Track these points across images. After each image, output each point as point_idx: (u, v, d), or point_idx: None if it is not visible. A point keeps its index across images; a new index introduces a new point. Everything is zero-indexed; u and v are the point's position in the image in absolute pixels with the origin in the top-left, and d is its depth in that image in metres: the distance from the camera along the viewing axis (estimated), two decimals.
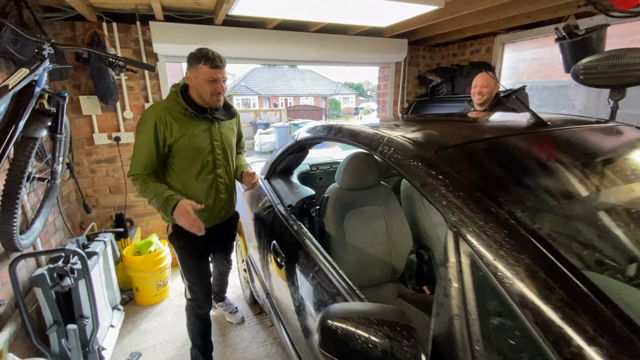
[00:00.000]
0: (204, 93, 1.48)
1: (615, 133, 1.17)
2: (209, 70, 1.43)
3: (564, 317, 0.48)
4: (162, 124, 1.46)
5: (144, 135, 1.45)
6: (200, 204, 1.48)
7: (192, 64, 1.46)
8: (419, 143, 0.87)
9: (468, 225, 0.63)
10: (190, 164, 1.54)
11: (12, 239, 1.47)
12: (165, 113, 1.47)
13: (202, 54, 1.43)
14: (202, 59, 1.42)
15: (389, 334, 0.61)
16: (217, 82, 1.46)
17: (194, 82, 1.47)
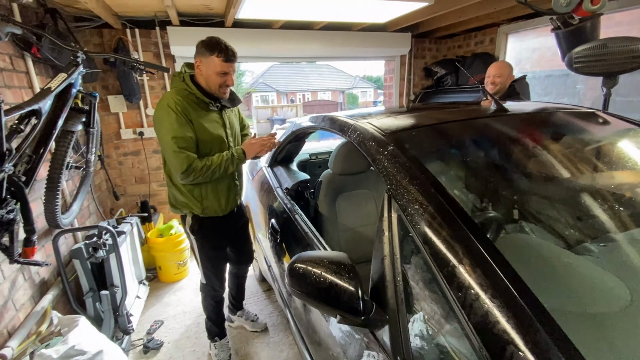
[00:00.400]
0: (213, 84, 1.46)
1: (571, 121, 1.28)
2: (221, 63, 1.41)
3: (447, 247, 0.65)
4: (183, 112, 1.42)
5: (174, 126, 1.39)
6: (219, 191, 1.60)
7: (203, 53, 1.41)
8: (376, 128, 1.04)
9: (397, 189, 0.81)
10: (208, 153, 1.52)
11: (55, 217, 1.76)
12: (186, 103, 1.44)
13: (215, 43, 1.40)
14: (215, 50, 1.39)
15: (335, 270, 0.80)
16: (228, 75, 1.46)
17: (203, 72, 1.45)
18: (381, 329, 0.78)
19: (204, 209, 1.62)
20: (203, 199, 1.61)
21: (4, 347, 1.40)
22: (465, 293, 0.59)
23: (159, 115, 1.44)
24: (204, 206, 1.62)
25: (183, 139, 1.40)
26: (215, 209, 1.65)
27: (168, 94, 1.47)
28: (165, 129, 1.40)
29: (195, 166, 1.43)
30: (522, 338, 0.51)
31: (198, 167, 1.43)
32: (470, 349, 0.58)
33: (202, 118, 1.49)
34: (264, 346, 2.09)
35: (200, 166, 1.43)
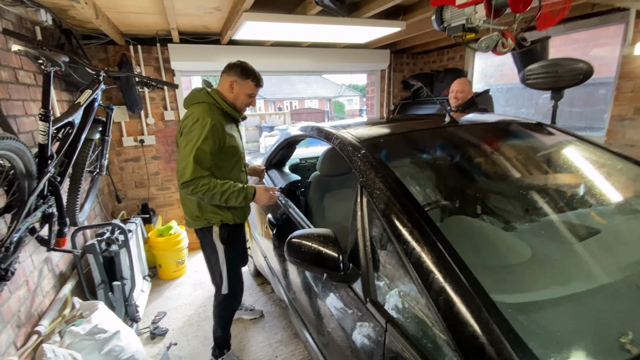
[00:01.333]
0: (240, 103, 1.68)
1: (505, 128, 1.62)
2: (253, 88, 1.68)
3: (397, 218, 0.95)
4: (219, 127, 1.57)
5: (203, 138, 1.50)
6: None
7: (240, 76, 1.64)
8: (353, 136, 1.35)
9: (367, 181, 1.11)
10: (235, 163, 1.71)
11: (74, 216, 1.98)
12: (218, 116, 1.60)
13: (251, 70, 1.66)
14: (251, 76, 1.65)
15: (322, 241, 1.09)
16: (253, 98, 1.72)
17: (236, 91, 1.65)
18: (355, 282, 1.07)
19: (233, 216, 1.74)
20: (231, 207, 1.71)
21: (38, 325, 1.62)
22: (407, 246, 0.89)
23: (193, 125, 1.53)
24: (232, 213, 1.73)
25: (204, 153, 1.51)
26: (240, 215, 1.79)
27: (201, 109, 1.58)
28: (194, 139, 1.50)
29: (200, 181, 1.51)
30: (438, 270, 0.81)
31: (201, 182, 1.51)
32: (412, 284, 0.88)
33: (229, 128, 1.67)
34: (260, 329, 2.34)
35: (204, 183, 1.51)
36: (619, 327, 0.79)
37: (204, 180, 1.52)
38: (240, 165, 1.77)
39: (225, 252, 1.76)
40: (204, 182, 1.52)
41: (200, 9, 2.32)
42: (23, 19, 2.06)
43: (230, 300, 1.89)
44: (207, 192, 1.52)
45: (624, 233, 1.21)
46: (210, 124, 1.52)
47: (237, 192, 1.58)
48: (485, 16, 1.28)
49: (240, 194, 1.59)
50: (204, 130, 1.50)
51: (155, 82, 1.97)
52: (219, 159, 1.62)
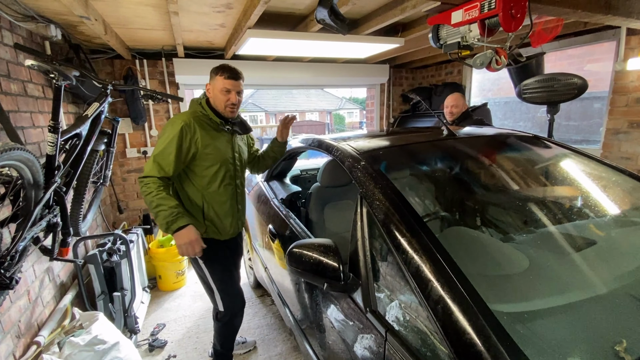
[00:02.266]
0: (219, 103, 1.57)
1: (502, 141, 1.66)
2: (223, 81, 1.53)
3: (396, 228, 0.97)
4: (189, 130, 1.50)
5: (169, 139, 1.46)
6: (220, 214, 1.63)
7: (211, 77, 1.58)
8: (353, 148, 1.39)
9: (366, 191, 1.14)
10: (215, 172, 1.59)
11: (77, 226, 2.00)
12: (193, 121, 1.53)
13: (220, 66, 1.56)
14: (219, 71, 1.54)
15: (323, 251, 1.11)
16: (230, 92, 1.55)
17: (211, 93, 1.58)
18: (356, 292, 1.08)
19: (207, 229, 1.65)
20: (205, 219, 1.64)
21: (38, 335, 1.62)
22: (406, 256, 0.91)
23: (165, 127, 1.55)
24: (206, 225, 1.65)
25: (165, 154, 1.46)
26: (216, 230, 1.68)
27: (182, 113, 1.60)
28: (162, 138, 1.50)
29: (149, 180, 1.45)
30: (436, 279, 0.83)
31: (148, 181, 1.45)
32: (411, 293, 0.90)
33: (211, 135, 1.58)
34: (260, 342, 2.32)
35: (148, 182, 1.45)
36: (614, 335, 0.81)
37: (151, 180, 1.45)
38: (228, 177, 1.65)
39: (207, 268, 1.67)
40: (149, 182, 1.45)
41: (205, 25, 2.40)
42: (33, 33, 2.13)
43: (229, 319, 1.76)
44: (147, 195, 1.44)
45: (619, 244, 1.24)
46: (179, 126, 1.47)
47: (167, 214, 1.41)
48: (479, 35, 1.33)
49: (167, 218, 1.41)
50: (170, 132, 1.48)
51: (160, 95, 2.02)
52: (195, 166, 1.57)
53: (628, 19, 1.67)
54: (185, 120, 1.51)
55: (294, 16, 2.38)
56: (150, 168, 1.47)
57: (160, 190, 1.44)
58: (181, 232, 1.42)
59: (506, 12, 1.20)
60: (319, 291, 1.35)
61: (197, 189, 1.61)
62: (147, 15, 2.08)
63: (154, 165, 1.46)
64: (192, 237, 1.43)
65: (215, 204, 1.64)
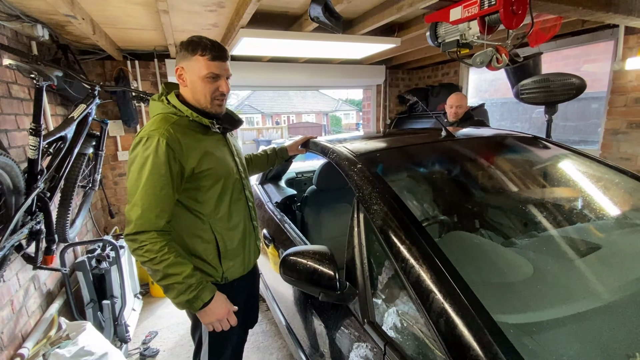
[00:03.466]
0: (202, 94, 1.11)
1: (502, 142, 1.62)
2: (207, 63, 1.07)
3: (394, 234, 0.92)
4: (176, 146, 1.05)
5: (154, 169, 1.00)
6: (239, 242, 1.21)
7: (184, 57, 1.08)
8: (350, 150, 1.33)
9: (363, 195, 1.09)
10: (221, 191, 1.17)
11: (64, 232, 1.93)
12: (174, 131, 1.06)
13: (197, 41, 1.07)
14: (198, 48, 1.06)
15: (318, 259, 1.05)
16: (220, 79, 1.11)
17: (188, 81, 1.11)
18: (353, 301, 1.03)
19: (225, 272, 1.21)
20: (223, 259, 1.19)
21: (22, 347, 1.55)
22: (405, 264, 0.86)
23: (136, 153, 1.04)
24: (225, 269, 1.21)
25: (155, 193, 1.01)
26: (237, 268, 1.26)
27: (149, 124, 1.09)
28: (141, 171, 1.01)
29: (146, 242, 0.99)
30: (438, 289, 0.78)
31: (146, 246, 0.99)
32: (411, 304, 0.84)
33: (200, 144, 1.12)
34: (255, 350, 2.26)
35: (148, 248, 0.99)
36: (626, 348, 0.76)
37: (149, 238, 1.00)
38: (237, 191, 1.24)
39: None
40: (145, 242, 0.99)
41: (198, 25, 2.34)
42: (19, 34, 2.06)
43: None
44: (146, 262, 1.00)
45: (624, 248, 1.19)
46: (160, 147, 1.01)
47: (184, 288, 1.00)
48: (478, 32, 1.29)
49: (185, 294, 1.00)
50: (152, 159, 1.00)
51: (150, 96, 1.96)
52: (192, 192, 1.12)
53: (628, 17, 1.64)
54: (162, 132, 1.03)
55: (288, 15, 2.33)
56: (142, 220, 1.00)
57: (165, 251, 1.00)
58: (209, 309, 1.05)
59: (507, 8, 1.16)
60: (315, 299, 1.30)
61: (202, 221, 1.16)
62: (136, 14, 2.02)
63: (146, 214, 1.00)
64: (225, 310, 1.07)
65: (230, 231, 1.21)
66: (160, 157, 1.02)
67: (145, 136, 1.04)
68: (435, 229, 1.24)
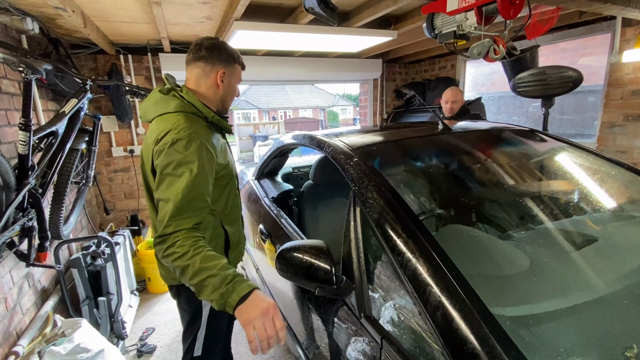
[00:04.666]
0: (231, 97, 1.22)
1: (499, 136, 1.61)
2: (241, 73, 1.23)
3: (391, 228, 0.91)
4: (212, 150, 1.09)
5: (198, 174, 1.01)
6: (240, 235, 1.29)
7: (227, 61, 1.14)
8: (346, 144, 1.32)
9: (359, 189, 1.07)
10: (229, 189, 1.24)
11: (58, 229, 1.91)
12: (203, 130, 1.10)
13: (234, 50, 1.16)
14: (238, 59, 1.17)
15: (314, 253, 1.04)
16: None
17: (226, 84, 1.16)
18: (349, 295, 1.02)
19: (231, 262, 1.29)
20: (230, 250, 1.27)
21: (16, 345, 1.53)
22: (402, 258, 0.85)
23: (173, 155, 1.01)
24: (230, 259, 1.28)
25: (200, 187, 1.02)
26: (237, 256, 1.36)
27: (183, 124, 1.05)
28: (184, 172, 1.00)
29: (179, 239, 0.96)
30: (435, 283, 0.78)
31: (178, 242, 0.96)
32: (408, 298, 0.84)
33: (221, 145, 1.18)
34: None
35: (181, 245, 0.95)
36: (623, 340, 0.76)
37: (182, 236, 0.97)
38: (235, 188, 1.31)
39: (210, 315, 1.25)
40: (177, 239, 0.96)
41: (191, 18, 2.30)
42: (8, 27, 2.02)
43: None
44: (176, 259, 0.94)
45: (621, 240, 1.19)
46: (199, 146, 1.03)
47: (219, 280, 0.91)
48: (476, 23, 1.27)
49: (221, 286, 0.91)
50: (192, 161, 1.01)
51: (144, 91, 1.93)
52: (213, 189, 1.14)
53: (626, 8, 1.63)
54: (201, 136, 1.05)
55: (283, 7, 2.30)
56: (177, 218, 0.97)
57: (198, 246, 0.96)
58: (249, 302, 0.90)
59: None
60: (312, 294, 1.29)
61: (214, 217, 1.19)
62: (128, 6, 1.98)
63: (182, 214, 0.98)
64: (267, 306, 0.92)
65: (234, 226, 1.29)
66: (205, 162, 1.04)
67: (184, 138, 1.02)
68: (432, 223, 1.23)
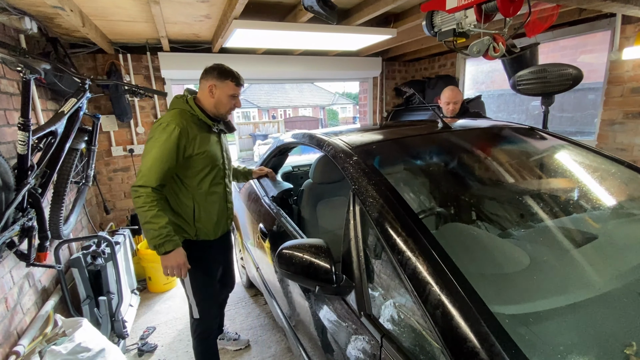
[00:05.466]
0: (223, 107, 1.57)
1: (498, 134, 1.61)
2: (234, 87, 1.55)
3: (391, 227, 0.91)
4: (185, 134, 1.45)
5: (167, 144, 1.40)
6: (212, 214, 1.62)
7: (219, 78, 1.53)
8: (345, 143, 1.32)
9: (359, 188, 1.07)
10: (207, 174, 1.58)
11: (58, 229, 1.91)
12: (187, 123, 1.48)
13: (229, 71, 1.55)
14: (230, 76, 1.54)
15: (314, 252, 1.05)
16: (236, 98, 1.60)
17: (216, 95, 1.54)
18: (349, 294, 1.02)
19: (197, 232, 1.62)
20: (196, 221, 1.61)
21: (17, 345, 1.54)
22: (402, 256, 0.85)
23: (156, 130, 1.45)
24: (197, 228, 1.62)
25: (162, 162, 1.40)
26: (207, 231, 1.65)
27: (170, 115, 1.49)
28: (156, 144, 1.41)
29: (141, 191, 1.38)
30: (435, 281, 0.78)
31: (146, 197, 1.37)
32: (408, 296, 0.84)
33: (203, 137, 1.55)
34: (253, 343, 2.26)
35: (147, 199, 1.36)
36: (622, 337, 0.76)
37: (145, 192, 1.37)
38: (218, 177, 1.64)
39: (190, 274, 1.58)
40: (142, 194, 1.37)
41: (189, 16, 2.30)
42: (7, 27, 2.01)
43: (205, 326, 1.73)
44: (138, 207, 1.38)
45: (620, 238, 1.19)
46: (175, 131, 1.42)
47: (156, 234, 1.36)
48: (475, 21, 1.27)
49: (155, 239, 1.37)
50: (166, 137, 1.40)
51: (143, 90, 1.93)
52: (187, 169, 1.52)
53: (626, 6, 1.62)
54: (178, 122, 1.45)
55: (282, 6, 2.29)
56: (146, 178, 1.39)
57: (152, 205, 1.37)
58: (169, 256, 1.41)
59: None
60: (312, 293, 1.29)
61: (187, 190, 1.57)
62: (126, 5, 1.98)
63: (150, 175, 1.38)
64: (180, 261, 1.43)
65: (206, 204, 1.62)
66: (173, 140, 1.42)
67: (165, 122, 1.44)
68: (432, 221, 1.24)
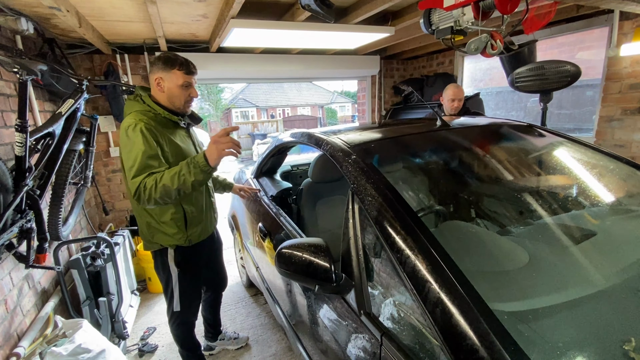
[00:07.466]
0: (178, 99, 1.43)
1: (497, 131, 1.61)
2: (183, 76, 1.40)
3: (390, 225, 0.91)
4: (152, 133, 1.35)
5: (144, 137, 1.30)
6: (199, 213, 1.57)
7: (163, 69, 1.39)
8: (344, 141, 1.32)
9: (358, 187, 1.07)
10: None
11: (57, 230, 1.91)
12: (150, 122, 1.36)
13: (174, 58, 1.39)
14: (176, 64, 1.38)
15: (313, 251, 1.05)
16: (191, 87, 1.45)
17: (165, 88, 1.40)
18: (349, 293, 1.02)
19: (189, 237, 1.57)
20: (188, 226, 1.55)
21: (17, 347, 1.53)
22: (401, 255, 0.85)
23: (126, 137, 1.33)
24: (189, 234, 1.56)
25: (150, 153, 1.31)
26: (199, 234, 1.62)
27: (130, 117, 1.37)
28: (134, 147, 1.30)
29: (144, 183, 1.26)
30: (434, 279, 0.78)
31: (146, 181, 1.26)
32: (407, 294, 0.84)
33: (173, 136, 1.45)
34: (253, 343, 2.27)
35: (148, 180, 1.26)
36: (622, 334, 0.76)
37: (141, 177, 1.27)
38: None
39: (179, 276, 1.60)
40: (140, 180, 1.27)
41: (187, 16, 2.29)
42: (2, 27, 2.00)
43: (184, 318, 1.73)
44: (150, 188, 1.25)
45: (619, 234, 1.20)
46: (142, 127, 1.31)
47: (185, 166, 1.27)
48: (473, 18, 1.27)
49: (189, 167, 1.26)
50: (140, 137, 1.30)
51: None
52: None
53: (623, 2, 1.62)
54: (142, 121, 1.33)
55: (280, 4, 2.28)
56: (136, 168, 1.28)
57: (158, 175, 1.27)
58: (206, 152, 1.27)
59: None
60: (311, 292, 1.29)
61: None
62: (123, 5, 1.97)
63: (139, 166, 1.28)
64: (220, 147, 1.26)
65: (193, 201, 1.57)
66: (147, 133, 1.32)
67: (133, 123, 1.33)
68: (431, 219, 1.24)
